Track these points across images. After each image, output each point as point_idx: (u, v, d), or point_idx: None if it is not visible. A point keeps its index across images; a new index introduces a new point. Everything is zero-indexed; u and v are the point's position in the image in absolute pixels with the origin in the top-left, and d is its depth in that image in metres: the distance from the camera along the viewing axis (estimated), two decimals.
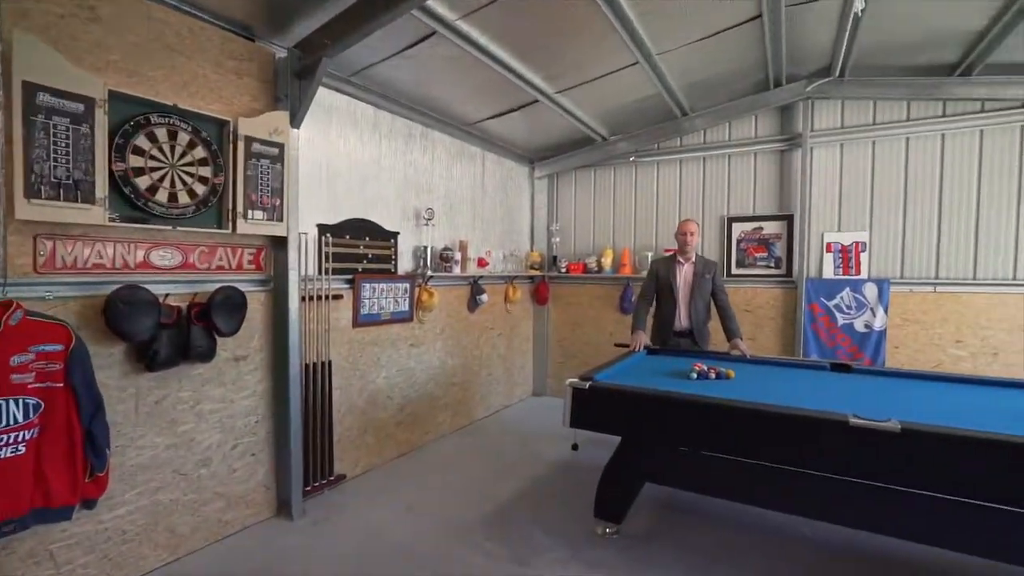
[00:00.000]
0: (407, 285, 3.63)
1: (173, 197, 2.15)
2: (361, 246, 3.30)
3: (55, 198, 1.78)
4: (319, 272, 2.97)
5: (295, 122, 2.58)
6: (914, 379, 2.76)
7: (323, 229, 3.04)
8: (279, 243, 2.61)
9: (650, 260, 4.66)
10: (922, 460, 1.76)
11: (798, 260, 4.08)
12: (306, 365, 2.89)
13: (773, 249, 4.24)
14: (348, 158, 3.23)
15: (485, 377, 4.64)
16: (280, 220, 2.52)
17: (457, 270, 4.06)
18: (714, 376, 2.68)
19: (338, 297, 3.12)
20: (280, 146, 2.49)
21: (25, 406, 1.69)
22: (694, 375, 2.69)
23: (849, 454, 1.85)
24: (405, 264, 3.69)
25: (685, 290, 3.46)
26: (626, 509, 2.51)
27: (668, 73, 3.58)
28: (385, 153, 3.51)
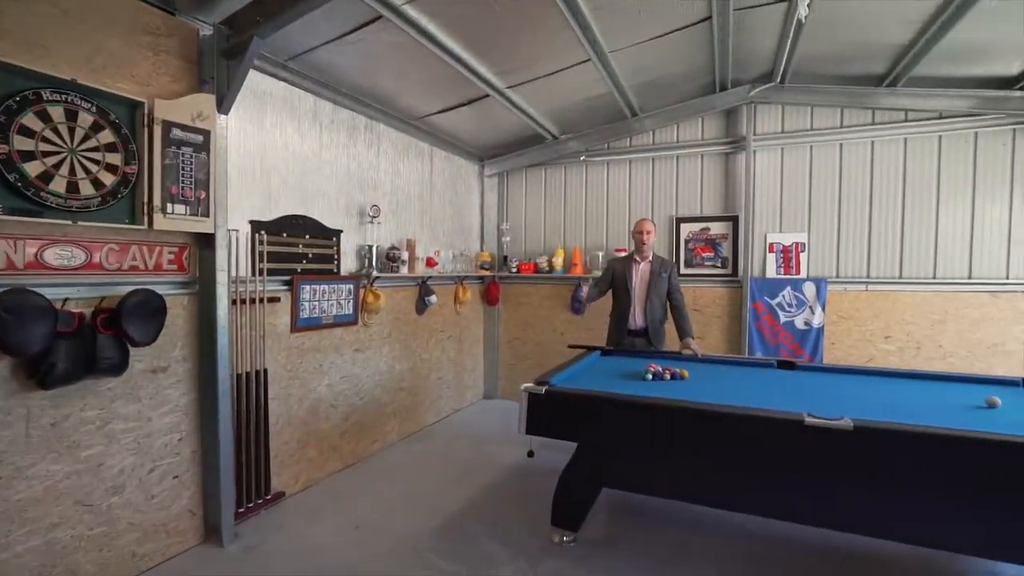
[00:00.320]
0: (351, 286, 3.41)
1: (73, 187, 1.87)
2: (300, 245, 3.06)
3: None
4: (253, 273, 2.72)
5: (223, 107, 2.33)
6: (854, 375, 2.87)
7: (257, 226, 2.78)
8: (205, 241, 2.35)
9: (601, 259, 4.69)
10: (873, 456, 1.79)
11: (743, 260, 4.20)
12: (238, 375, 2.63)
13: (719, 249, 4.35)
14: (285, 150, 2.98)
15: (435, 381, 4.47)
16: (206, 215, 2.26)
17: (404, 270, 3.87)
18: (669, 377, 2.67)
19: (275, 300, 2.88)
20: (205, 133, 2.24)
21: None
22: (649, 376, 2.67)
23: (805, 452, 1.87)
24: (349, 264, 3.48)
25: (641, 289, 3.46)
26: (583, 516, 2.45)
27: (620, 72, 3.56)
28: (327, 145, 3.28)
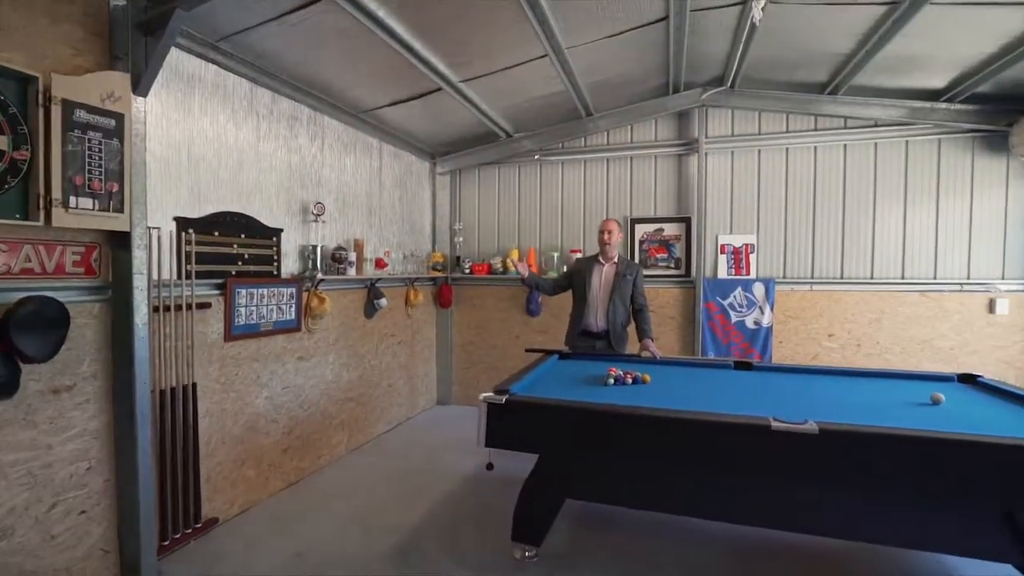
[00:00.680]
0: (293, 290, 3.16)
1: None
2: (235, 245, 2.78)
3: None
4: (179, 276, 2.43)
5: (140, 89, 2.05)
6: (806, 374, 2.94)
7: (184, 224, 2.50)
8: (120, 240, 2.06)
9: (556, 260, 4.63)
10: (838, 458, 1.79)
11: (695, 261, 4.26)
12: (161, 391, 2.34)
13: (673, 250, 4.38)
14: (218, 140, 2.70)
15: (385, 388, 4.25)
16: (120, 211, 1.98)
17: (352, 272, 3.64)
18: (631, 381, 2.62)
19: (205, 306, 2.59)
20: (118, 117, 1.96)
21: None
22: (611, 381, 2.61)
23: (772, 457, 1.85)
24: (290, 266, 3.21)
25: (602, 291, 3.40)
26: (546, 529, 2.35)
27: (576, 69, 3.49)
28: (265, 137, 3.01)
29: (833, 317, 3.99)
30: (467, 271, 4.89)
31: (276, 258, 3.06)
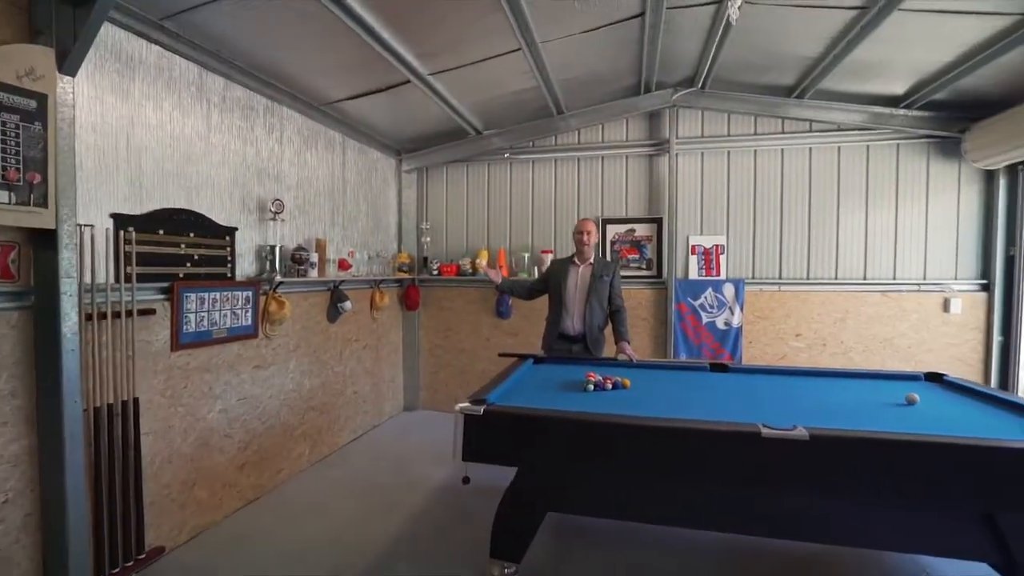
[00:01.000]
0: (249, 293, 2.92)
1: None
2: (183, 245, 2.54)
3: None
4: (117, 279, 2.18)
5: (68, 67, 1.81)
6: (780, 375, 2.94)
7: (123, 221, 2.24)
8: (44, 239, 1.82)
9: (527, 260, 4.53)
10: (827, 464, 1.76)
11: (667, 261, 4.24)
12: (96, 409, 2.09)
13: (644, 251, 4.36)
14: (162, 129, 2.45)
15: (350, 396, 4.04)
16: (43, 205, 1.74)
17: (314, 274, 3.42)
18: (611, 386, 2.54)
19: (148, 312, 2.34)
20: (40, 98, 1.71)
21: None
22: (590, 387, 2.52)
23: (761, 464, 1.80)
24: (246, 267, 2.98)
25: (578, 293, 3.31)
26: (527, 545, 2.23)
27: (550, 65, 3.40)
28: (217, 127, 2.77)
29: (800, 317, 4.06)
30: (435, 272, 4.73)
31: (230, 259, 2.82)
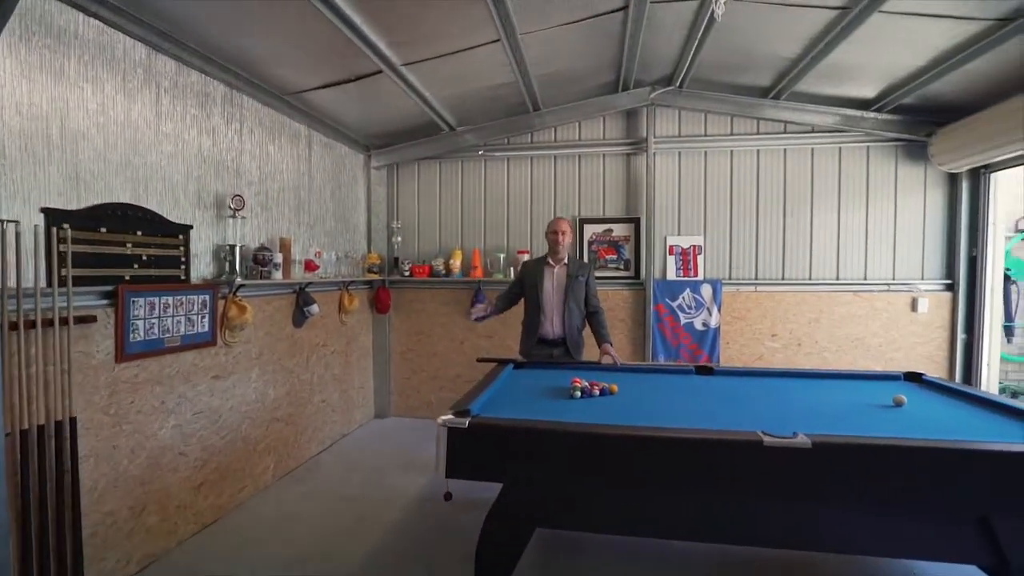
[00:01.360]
0: (206, 297, 2.68)
1: None
2: (129, 244, 2.29)
3: None
4: (49, 283, 1.92)
5: None
6: (763, 377, 2.91)
7: (57, 217, 1.98)
8: None
9: (502, 261, 4.40)
10: (828, 472, 1.70)
11: (645, 262, 4.19)
12: (23, 431, 1.83)
13: (622, 251, 4.30)
14: (103, 114, 2.19)
15: (318, 405, 3.81)
16: None
17: (278, 275, 3.20)
18: (598, 393, 2.44)
19: (88, 320, 2.09)
20: None
21: None
22: (578, 393, 2.41)
23: (763, 473, 1.73)
24: (202, 269, 2.73)
25: (556, 295, 3.20)
26: (514, 565, 2.09)
27: (528, 58, 3.27)
28: (168, 115, 2.52)
29: (776, 318, 4.08)
30: (406, 273, 4.54)
31: (184, 260, 2.58)
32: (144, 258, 2.36)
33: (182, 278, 2.56)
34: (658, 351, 4.15)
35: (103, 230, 2.16)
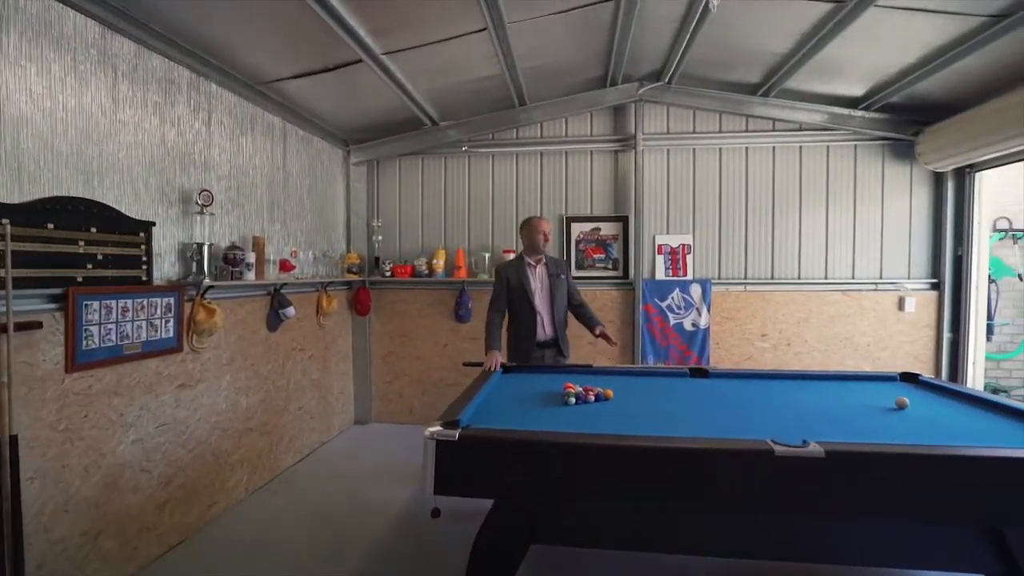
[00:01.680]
0: (171, 300, 2.48)
1: None
2: (82, 242, 2.08)
3: None
4: None
5: None
6: (762, 379, 2.84)
7: None
8: None
9: (487, 261, 4.26)
10: (841, 482, 1.61)
11: (634, 261, 4.10)
12: None
13: (610, 250, 4.20)
14: (51, 98, 1.98)
15: (295, 412, 3.61)
16: None
17: (251, 276, 3.00)
18: (593, 398, 2.32)
19: (33, 326, 1.88)
20: None
21: None
22: (572, 400, 2.29)
23: (773, 484, 1.63)
24: (167, 269, 2.53)
25: (544, 295, 3.09)
26: None
27: (515, 50, 3.14)
28: (127, 101, 2.31)
29: (766, 317, 4.03)
30: (387, 273, 4.36)
31: (146, 260, 2.37)
32: (99, 257, 2.15)
33: (143, 279, 2.36)
34: (647, 352, 4.06)
35: (50, 226, 1.95)
